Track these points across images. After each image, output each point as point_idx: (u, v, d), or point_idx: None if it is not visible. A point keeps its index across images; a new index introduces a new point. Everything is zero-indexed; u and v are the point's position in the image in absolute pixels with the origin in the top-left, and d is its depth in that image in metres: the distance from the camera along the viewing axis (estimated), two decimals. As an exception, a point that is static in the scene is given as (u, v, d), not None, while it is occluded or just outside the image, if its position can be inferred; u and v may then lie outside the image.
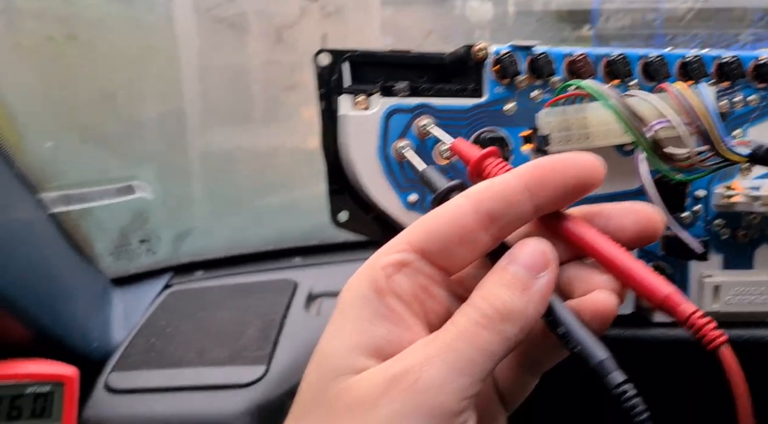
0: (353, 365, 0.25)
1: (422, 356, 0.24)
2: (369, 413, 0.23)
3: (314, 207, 0.91)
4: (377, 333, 0.26)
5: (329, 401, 0.24)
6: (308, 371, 0.27)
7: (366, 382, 0.24)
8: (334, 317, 0.27)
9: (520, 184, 0.26)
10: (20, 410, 0.48)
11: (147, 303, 0.74)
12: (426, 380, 0.23)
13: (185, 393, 0.55)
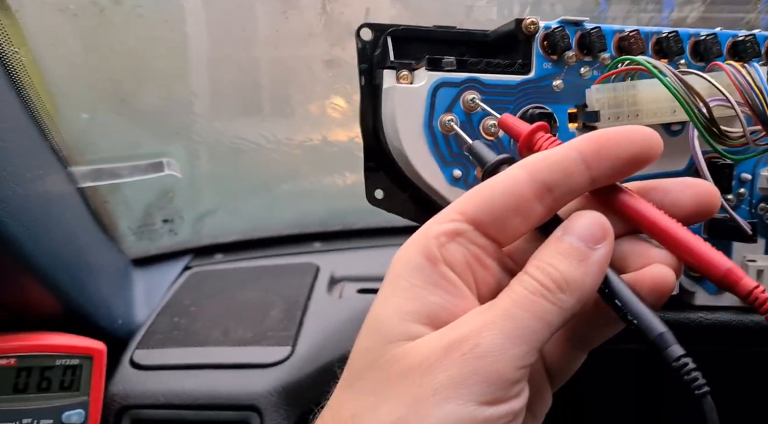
0: (408, 332, 0.25)
1: (480, 323, 0.23)
2: (425, 379, 0.23)
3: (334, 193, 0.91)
4: (431, 300, 0.25)
5: (384, 366, 0.24)
6: (360, 337, 0.27)
7: (422, 348, 0.24)
8: (385, 285, 0.27)
9: (577, 155, 0.26)
10: (50, 381, 0.48)
11: (167, 284, 0.74)
12: (484, 347, 0.23)
13: (211, 371, 0.55)
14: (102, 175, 0.55)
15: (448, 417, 0.22)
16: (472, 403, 0.22)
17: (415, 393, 0.23)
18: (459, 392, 0.22)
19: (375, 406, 0.23)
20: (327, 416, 0.25)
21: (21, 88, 0.42)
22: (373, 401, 0.23)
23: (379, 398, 0.23)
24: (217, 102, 0.64)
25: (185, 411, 0.53)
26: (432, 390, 0.22)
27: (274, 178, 0.84)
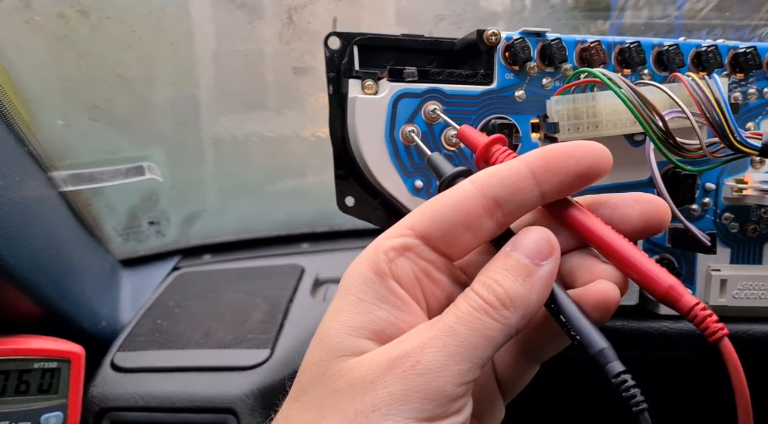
0: (353, 347, 0.25)
1: (423, 339, 0.24)
2: (367, 395, 0.23)
3: (322, 194, 0.91)
4: (378, 316, 0.26)
5: (329, 380, 0.25)
6: (309, 351, 0.27)
7: (366, 363, 0.24)
8: (335, 299, 0.27)
9: (527, 171, 0.26)
10: (28, 385, 0.49)
11: (155, 285, 0.74)
12: (425, 364, 0.23)
13: (190, 374, 0.56)
14: (82, 180, 0.55)
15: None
16: (411, 419, 0.22)
17: (356, 408, 0.23)
18: (398, 408, 0.22)
19: (317, 421, 0.24)
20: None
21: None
22: (316, 416, 0.24)
23: (322, 412, 0.24)
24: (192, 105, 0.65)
25: (163, 414, 0.54)
26: (372, 406, 0.23)
27: (260, 179, 0.84)
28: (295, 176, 0.79)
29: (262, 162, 0.73)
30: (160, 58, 0.56)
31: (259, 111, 0.70)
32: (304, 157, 0.75)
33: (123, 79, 0.54)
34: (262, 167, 0.74)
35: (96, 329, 0.61)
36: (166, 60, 0.56)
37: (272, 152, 0.73)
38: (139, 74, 0.55)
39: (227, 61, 0.63)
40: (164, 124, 0.59)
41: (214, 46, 0.61)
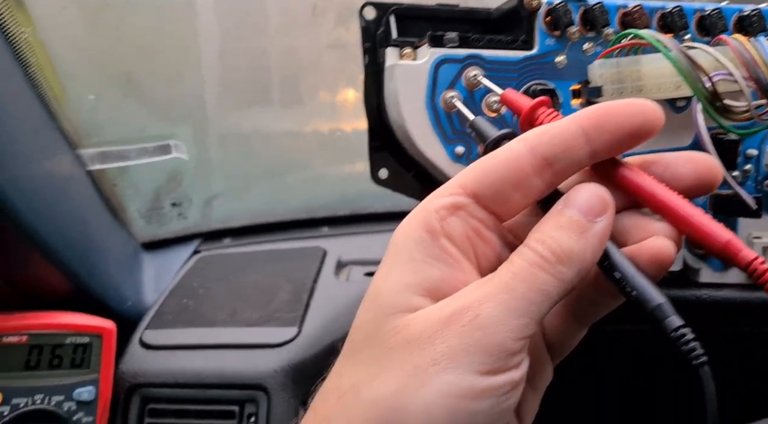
0: (408, 304, 0.25)
1: (480, 294, 0.24)
2: (425, 349, 0.23)
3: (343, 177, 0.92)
4: (431, 273, 0.25)
5: (384, 337, 0.24)
6: (361, 310, 0.27)
7: (422, 319, 0.24)
8: (386, 258, 0.27)
9: (578, 129, 0.26)
10: (61, 359, 0.49)
11: (176, 268, 0.74)
12: (484, 318, 0.23)
13: (219, 351, 0.56)
14: (109, 158, 0.55)
15: (447, 387, 0.22)
16: (472, 373, 0.22)
17: (414, 363, 0.23)
18: (458, 362, 0.22)
19: (375, 376, 0.23)
20: (328, 386, 0.25)
21: (27, 67, 0.43)
22: (373, 372, 0.24)
23: (379, 368, 0.24)
24: (226, 86, 0.65)
25: (194, 390, 0.54)
26: (431, 360, 0.23)
27: (282, 165, 0.84)
28: (317, 160, 0.79)
29: (284, 145, 0.73)
30: (201, 33, 0.55)
31: (288, 94, 0.70)
32: (326, 140, 0.75)
33: (160, 53, 0.54)
34: (283, 150, 0.74)
35: (122, 309, 0.61)
36: (207, 35, 0.56)
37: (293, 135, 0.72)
38: (176, 48, 0.54)
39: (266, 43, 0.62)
40: (192, 102, 0.59)
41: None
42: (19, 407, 0.47)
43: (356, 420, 0.23)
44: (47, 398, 0.48)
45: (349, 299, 0.62)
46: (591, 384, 0.57)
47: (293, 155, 0.84)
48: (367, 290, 0.27)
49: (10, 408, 0.46)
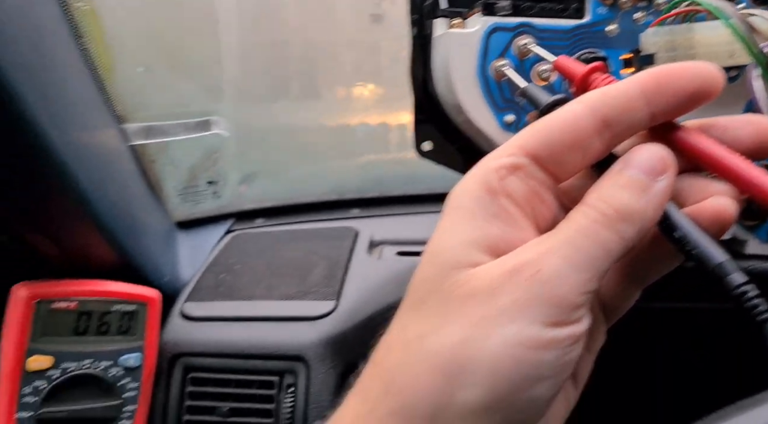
0: (470, 259, 0.25)
1: (542, 249, 0.24)
2: (489, 302, 0.23)
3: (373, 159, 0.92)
4: (491, 231, 0.26)
5: (448, 291, 0.25)
6: (421, 268, 0.27)
7: (485, 273, 0.24)
8: (444, 217, 0.28)
9: (638, 90, 0.26)
10: (108, 325, 0.50)
11: (210, 246, 0.76)
12: (547, 272, 0.23)
13: (258, 323, 0.57)
14: (153, 134, 0.56)
15: (513, 337, 0.23)
16: (537, 324, 0.23)
17: (479, 315, 0.23)
18: (524, 313, 0.23)
19: (440, 327, 0.24)
20: (391, 338, 0.26)
21: (81, 38, 0.44)
22: (437, 323, 0.24)
23: (444, 319, 0.24)
24: (269, 68, 0.65)
25: (234, 360, 0.55)
26: (496, 312, 0.23)
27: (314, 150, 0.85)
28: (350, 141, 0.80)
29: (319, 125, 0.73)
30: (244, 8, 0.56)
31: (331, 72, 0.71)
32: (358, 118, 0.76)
33: (203, 27, 0.55)
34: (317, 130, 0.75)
35: (161, 283, 0.63)
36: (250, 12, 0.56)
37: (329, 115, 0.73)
38: (219, 26, 0.55)
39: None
40: (235, 78, 0.59)
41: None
42: (69, 371, 0.48)
43: (421, 369, 0.23)
44: (95, 363, 0.49)
45: (383, 276, 0.62)
46: (643, 362, 0.57)
47: (325, 140, 0.84)
48: (426, 248, 0.28)
49: (60, 372, 0.48)
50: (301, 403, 0.53)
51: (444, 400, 0.23)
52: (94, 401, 0.49)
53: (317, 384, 0.53)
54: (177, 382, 0.55)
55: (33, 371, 0.46)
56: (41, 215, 0.43)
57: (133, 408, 0.51)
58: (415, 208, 0.86)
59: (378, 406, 0.24)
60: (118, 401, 0.50)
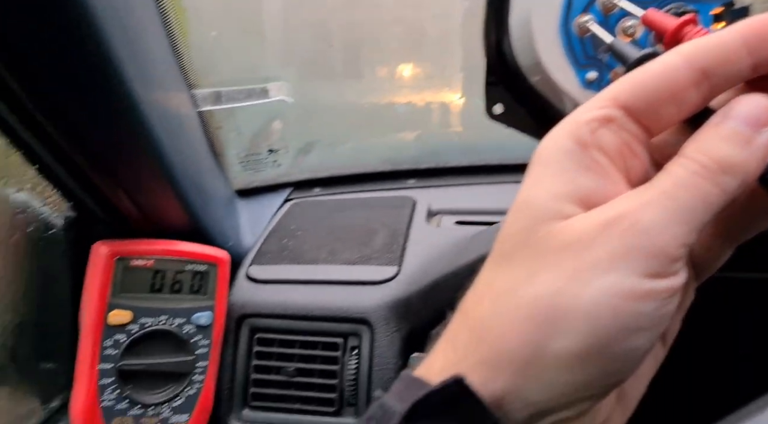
0: (561, 211, 0.25)
1: (640, 201, 0.23)
2: (584, 253, 0.23)
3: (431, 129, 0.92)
4: (582, 183, 0.25)
5: (538, 243, 0.25)
6: (508, 222, 0.27)
7: (578, 225, 0.24)
8: (533, 170, 0.27)
9: (739, 40, 0.25)
10: (181, 284, 0.52)
11: (269, 214, 0.77)
12: (645, 223, 0.23)
13: (322, 286, 0.58)
14: (221, 99, 0.57)
15: (611, 287, 0.22)
16: (635, 275, 0.22)
17: (574, 266, 0.23)
18: (621, 264, 0.22)
19: (532, 278, 0.24)
20: (480, 290, 0.26)
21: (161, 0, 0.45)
22: (530, 274, 0.24)
23: (537, 270, 0.24)
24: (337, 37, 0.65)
25: (299, 322, 0.56)
26: (592, 263, 0.23)
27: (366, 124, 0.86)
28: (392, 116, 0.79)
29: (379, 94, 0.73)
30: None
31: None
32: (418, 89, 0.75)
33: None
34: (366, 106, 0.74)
35: (226, 247, 0.64)
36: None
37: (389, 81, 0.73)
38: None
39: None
40: (305, 44, 0.60)
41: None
42: (146, 326, 0.50)
43: (514, 319, 0.23)
44: (170, 319, 0.51)
45: (443, 244, 0.62)
46: (726, 332, 0.56)
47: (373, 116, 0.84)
48: (515, 200, 0.27)
49: (138, 326, 0.50)
50: (365, 365, 0.54)
51: (537, 349, 0.23)
52: (170, 356, 0.51)
53: (381, 347, 0.54)
54: (244, 342, 0.57)
55: (113, 325, 0.48)
56: (126, 174, 0.45)
57: (204, 365, 0.53)
58: (471, 179, 0.85)
59: (468, 355, 0.24)
60: (192, 357, 0.52)
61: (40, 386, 0.55)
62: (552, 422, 0.24)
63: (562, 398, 0.23)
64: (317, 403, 0.55)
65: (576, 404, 0.23)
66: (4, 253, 0.47)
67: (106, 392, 0.48)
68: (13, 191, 0.46)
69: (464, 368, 0.23)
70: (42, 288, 0.52)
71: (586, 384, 0.23)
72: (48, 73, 0.35)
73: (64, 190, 0.49)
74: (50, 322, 0.54)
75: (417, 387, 0.23)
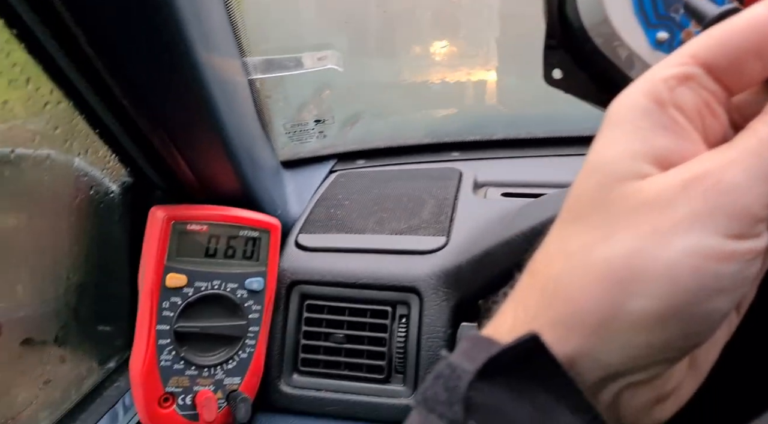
0: (636, 171, 0.24)
1: (723, 160, 0.23)
2: (663, 213, 0.22)
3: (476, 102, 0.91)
4: (659, 142, 0.24)
5: (613, 202, 0.24)
6: (580, 179, 0.26)
7: (657, 184, 0.23)
8: (606, 130, 0.26)
9: None
10: (234, 250, 0.53)
11: (315, 185, 0.77)
12: (728, 183, 0.22)
13: (371, 255, 0.58)
14: (272, 67, 0.57)
15: (693, 247, 0.22)
16: (718, 235, 0.21)
17: (652, 226, 0.22)
18: (703, 224, 0.22)
19: (608, 237, 0.23)
20: (550, 250, 0.25)
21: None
22: (605, 233, 0.23)
23: (612, 230, 0.23)
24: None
25: (348, 289, 0.57)
26: (672, 223, 0.22)
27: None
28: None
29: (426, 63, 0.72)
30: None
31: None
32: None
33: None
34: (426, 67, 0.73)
35: (275, 216, 0.65)
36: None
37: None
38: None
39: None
40: (352, 13, 0.59)
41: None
42: (201, 289, 0.51)
43: (588, 278, 0.23)
44: (223, 284, 0.52)
45: (491, 215, 0.62)
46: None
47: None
48: (586, 159, 0.27)
49: (194, 290, 0.51)
50: (414, 333, 0.55)
51: (613, 310, 0.22)
52: (223, 320, 0.52)
53: (430, 315, 0.54)
54: (294, 308, 0.58)
55: (170, 287, 0.50)
56: (184, 138, 0.46)
57: (256, 329, 0.54)
58: (516, 152, 0.84)
59: (540, 315, 0.24)
60: (244, 322, 0.53)
61: (98, 348, 0.57)
62: (623, 386, 0.24)
63: (636, 360, 0.23)
64: (366, 370, 0.56)
65: (650, 367, 0.23)
66: (69, 214, 0.48)
67: (164, 353, 0.50)
68: (76, 155, 0.47)
69: (535, 328, 0.23)
70: (101, 251, 0.54)
71: (663, 346, 0.22)
72: (116, 33, 0.36)
73: (123, 156, 0.50)
74: (108, 285, 0.56)
75: (487, 346, 0.23)
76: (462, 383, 0.22)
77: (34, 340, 0.47)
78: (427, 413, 0.23)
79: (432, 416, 0.23)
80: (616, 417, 0.25)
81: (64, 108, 0.42)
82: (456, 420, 0.22)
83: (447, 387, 0.23)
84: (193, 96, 0.41)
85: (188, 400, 0.51)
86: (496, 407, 0.22)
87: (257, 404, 0.56)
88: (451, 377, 0.23)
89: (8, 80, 0.37)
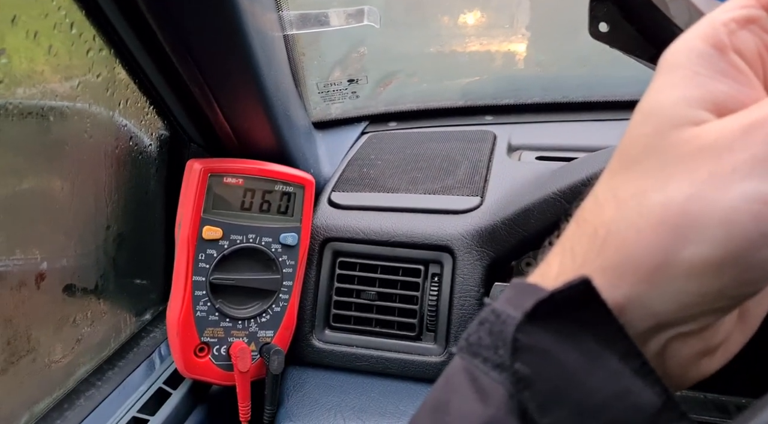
0: (693, 117, 0.23)
1: (786, 105, 0.22)
2: (721, 159, 0.22)
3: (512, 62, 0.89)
4: (718, 88, 0.24)
5: (669, 148, 0.23)
6: (633, 125, 0.25)
7: (715, 130, 0.22)
8: (661, 74, 0.25)
9: None
10: (269, 204, 0.53)
11: (347, 146, 0.77)
12: None
13: (405, 214, 0.58)
14: (308, 23, 0.56)
15: (752, 192, 0.21)
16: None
17: (710, 171, 0.22)
18: (764, 169, 0.21)
19: (664, 183, 0.22)
20: (600, 198, 0.25)
21: None
22: (661, 179, 0.23)
23: (666, 176, 0.23)
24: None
25: (382, 247, 0.57)
26: (731, 168, 0.21)
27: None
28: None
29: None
30: None
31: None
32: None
33: None
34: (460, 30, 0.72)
35: (309, 173, 0.65)
36: None
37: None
38: None
39: None
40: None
41: None
42: (236, 242, 0.51)
43: (642, 225, 0.22)
44: (258, 238, 0.52)
45: (525, 178, 0.61)
46: None
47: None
48: (639, 106, 0.26)
49: (229, 243, 0.51)
50: (446, 292, 0.55)
51: (667, 256, 0.22)
52: (257, 273, 0.53)
53: (463, 275, 0.54)
54: (327, 265, 0.58)
55: (207, 239, 0.50)
56: (223, 90, 0.46)
57: (290, 284, 0.55)
58: (551, 117, 0.82)
59: (588, 262, 0.23)
60: (278, 276, 0.54)
61: (135, 299, 0.58)
62: (672, 336, 0.23)
63: (688, 309, 0.22)
64: (397, 327, 0.56)
65: (701, 317, 0.23)
66: (109, 164, 0.49)
67: (200, 304, 0.51)
68: (117, 104, 0.47)
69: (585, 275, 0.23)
70: (138, 203, 0.54)
71: (716, 295, 0.22)
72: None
73: (161, 108, 0.50)
74: (145, 238, 0.57)
75: (533, 292, 0.23)
76: (508, 328, 0.22)
77: (76, 286, 0.48)
78: (471, 358, 0.23)
79: (476, 361, 0.23)
80: (663, 368, 0.24)
81: (106, 56, 0.42)
82: (502, 364, 0.22)
83: (492, 331, 0.23)
84: (235, 44, 0.41)
85: (223, 350, 0.52)
86: (544, 351, 0.22)
87: (288, 357, 0.57)
88: (497, 322, 0.23)
89: (53, 23, 0.37)
